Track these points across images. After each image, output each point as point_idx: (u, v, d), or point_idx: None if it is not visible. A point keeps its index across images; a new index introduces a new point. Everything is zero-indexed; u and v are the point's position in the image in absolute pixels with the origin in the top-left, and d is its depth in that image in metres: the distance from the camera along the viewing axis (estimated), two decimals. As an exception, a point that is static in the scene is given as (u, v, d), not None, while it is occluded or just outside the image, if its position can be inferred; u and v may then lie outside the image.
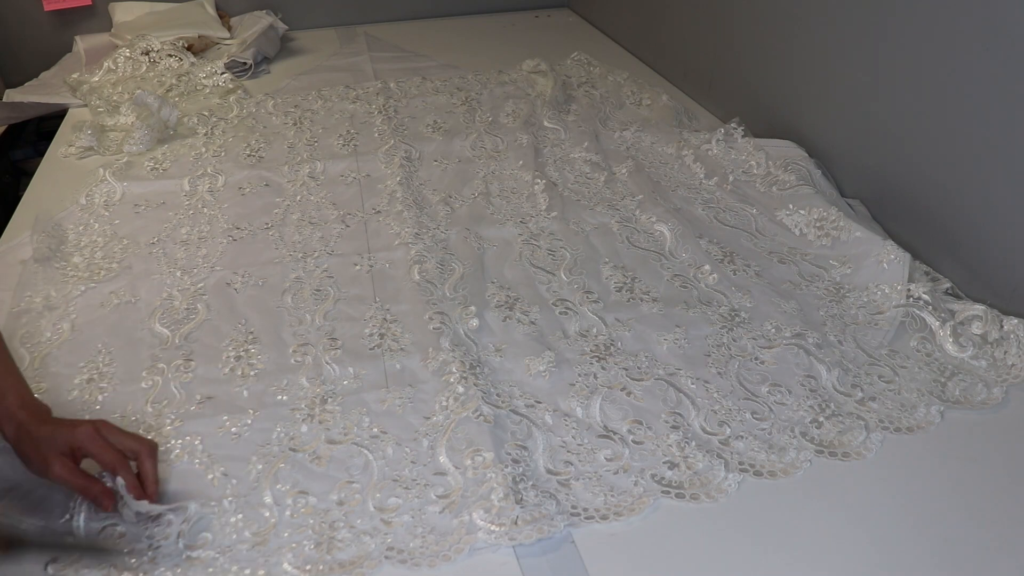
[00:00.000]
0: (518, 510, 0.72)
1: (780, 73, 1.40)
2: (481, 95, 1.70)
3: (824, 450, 0.82)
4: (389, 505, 0.75)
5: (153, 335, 0.98)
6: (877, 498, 0.77)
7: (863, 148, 1.22)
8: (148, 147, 1.45)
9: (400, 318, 1.01)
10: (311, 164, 1.40)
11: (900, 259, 1.04)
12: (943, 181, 1.07)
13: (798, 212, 1.19)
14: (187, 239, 1.18)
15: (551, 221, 1.22)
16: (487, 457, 0.78)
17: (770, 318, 1.00)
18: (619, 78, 1.76)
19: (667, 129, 1.50)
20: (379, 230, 1.21)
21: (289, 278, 1.09)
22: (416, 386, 0.90)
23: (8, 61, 2.00)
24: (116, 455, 0.71)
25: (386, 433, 0.83)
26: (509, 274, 1.11)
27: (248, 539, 0.72)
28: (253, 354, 0.95)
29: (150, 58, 1.80)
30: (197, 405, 0.87)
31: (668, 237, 1.16)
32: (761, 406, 0.87)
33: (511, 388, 0.90)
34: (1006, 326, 0.94)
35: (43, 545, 0.70)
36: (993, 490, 0.77)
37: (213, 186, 1.33)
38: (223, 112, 1.61)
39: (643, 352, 0.95)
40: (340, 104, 1.66)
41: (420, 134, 1.52)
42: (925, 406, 0.86)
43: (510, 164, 1.41)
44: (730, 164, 1.36)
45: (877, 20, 1.15)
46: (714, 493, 0.76)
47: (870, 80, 1.18)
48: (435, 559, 0.70)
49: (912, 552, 0.71)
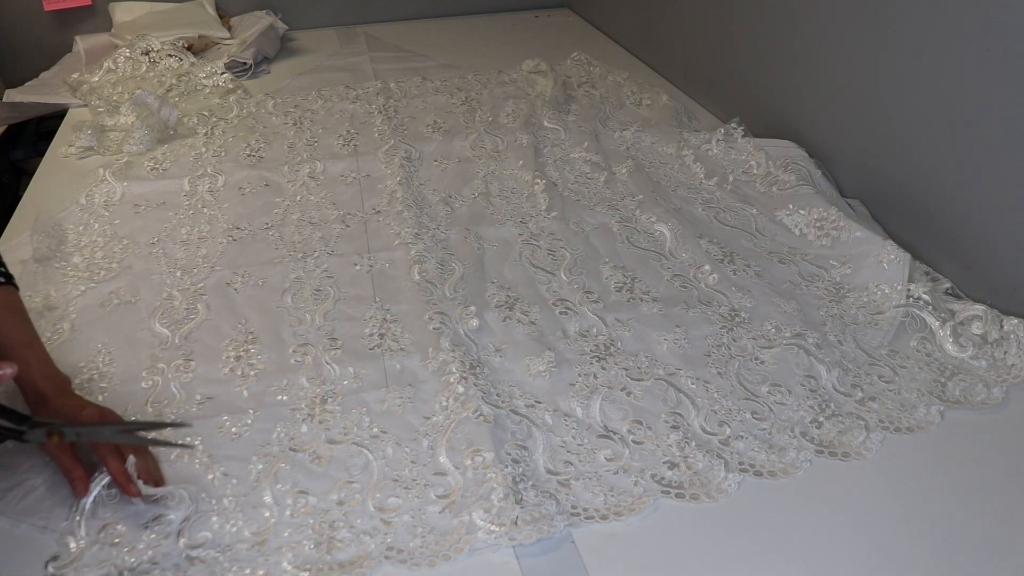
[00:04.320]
0: (518, 510, 0.72)
1: (780, 73, 1.40)
2: (481, 95, 1.70)
3: (824, 450, 0.82)
4: (389, 505, 0.75)
5: (153, 335, 0.98)
6: (877, 498, 0.77)
7: (863, 148, 1.22)
8: (148, 147, 1.45)
9: (400, 318, 1.01)
10: (311, 164, 1.40)
11: (900, 259, 1.04)
12: (943, 181, 1.07)
13: (798, 212, 1.19)
14: (187, 239, 1.18)
15: (551, 221, 1.22)
16: (487, 457, 0.78)
17: (770, 318, 1.00)
18: (619, 78, 1.76)
19: (667, 129, 1.50)
20: (379, 230, 1.21)
21: (289, 278, 1.09)
22: (416, 386, 0.90)
23: (8, 61, 2.00)
24: (109, 443, 0.74)
25: (386, 433, 0.83)
26: (509, 274, 1.11)
27: (248, 539, 0.72)
28: (253, 354, 0.95)
29: (150, 58, 1.79)
30: (197, 405, 0.87)
31: (668, 237, 1.16)
32: (761, 406, 0.87)
33: (511, 388, 0.90)
34: (1006, 326, 0.94)
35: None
36: (993, 490, 0.77)
37: (213, 186, 1.33)
38: (223, 112, 1.61)
39: (643, 352, 0.95)
40: (340, 104, 1.66)
41: (420, 134, 1.52)
42: (925, 406, 0.86)
43: (510, 164, 1.41)
44: (730, 164, 1.36)
45: (877, 20, 1.15)
46: (714, 493, 0.76)
47: (870, 80, 1.18)
48: (435, 559, 0.70)
49: (912, 552, 0.71)
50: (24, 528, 0.72)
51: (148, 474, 0.74)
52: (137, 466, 0.73)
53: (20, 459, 0.79)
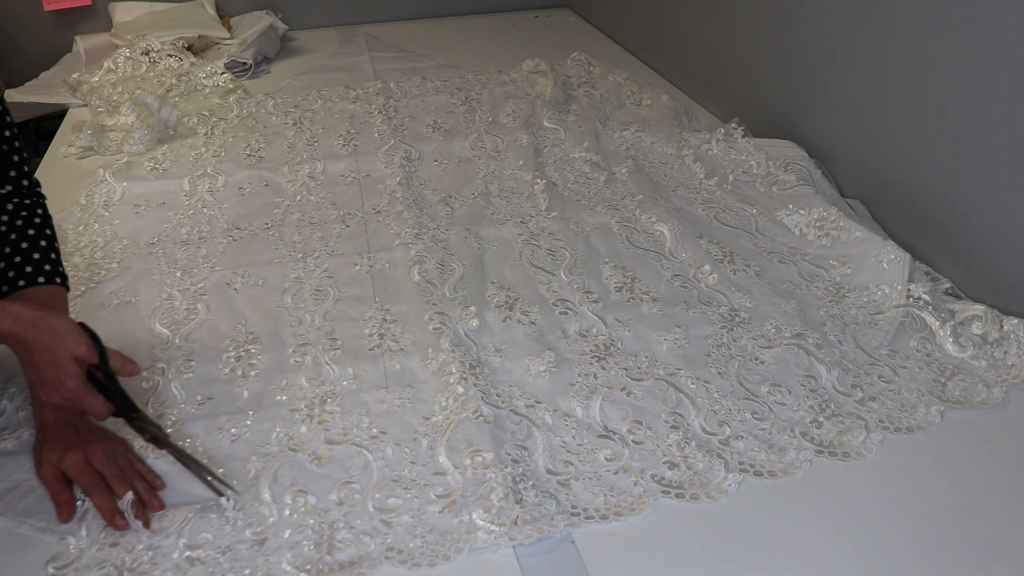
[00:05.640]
0: (518, 510, 0.72)
1: (780, 73, 1.40)
2: (481, 95, 1.70)
3: (824, 450, 0.81)
4: (389, 505, 0.75)
5: (153, 335, 0.98)
6: (877, 498, 0.77)
7: (863, 148, 1.22)
8: (148, 147, 1.45)
9: (400, 318, 1.01)
10: (311, 164, 1.40)
11: (900, 259, 1.04)
12: (943, 181, 1.07)
13: (798, 212, 1.19)
14: (187, 239, 1.18)
15: (551, 221, 1.22)
16: (487, 457, 0.78)
17: (770, 318, 1.00)
18: (619, 78, 1.76)
19: (667, 129, 1.50)
20: (379, 230, 1.21)
21: (289, 278, 1.09)
22: (416, 386, 0.90)
23: (8, 61, 2.00)
24: (91, 479, 0.73)
25: (386, 433, 0.83)
26: (509, 274, 1.11)
27: (248, 539, 0.71)
28: (253, 354, 0.95)
29: (150, 58, 1.79)
30: (197, 405, 0.87)
31: (668, 237, 1.16)
32: (761, 406, 0.87)
33: (511, 388, 0.90)
34: (1006, 326, 0.94)
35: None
36: (993, 490, 0.77)
37: (213, 186, 1.33)
38: (223, 112, 1.61)
39: (643, 352, 0.95)
40: (340, 104, 1.66)
41: (420, 134, 1.52)
42: (925, 406, 0.86)
43: (510, 164, 1.41)
44: (730, 164, 1.36)
45: (877, 20, 1.15)
46: (714, 493, 0.76)
47: (870, 80, 1.18)
48: (435, 559, 0.70)
49: (912, 552, 0.71)
50: (24, 528, 0.72)
51: (143, 514, 0.73)
52: (134, 504, 0.72)
53: (20, 460, 0.79)
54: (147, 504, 0.73)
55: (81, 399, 0.72)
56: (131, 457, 0.77)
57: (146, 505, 0.73)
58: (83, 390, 0.72)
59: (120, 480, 0.73)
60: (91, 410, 0.73)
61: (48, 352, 0.71)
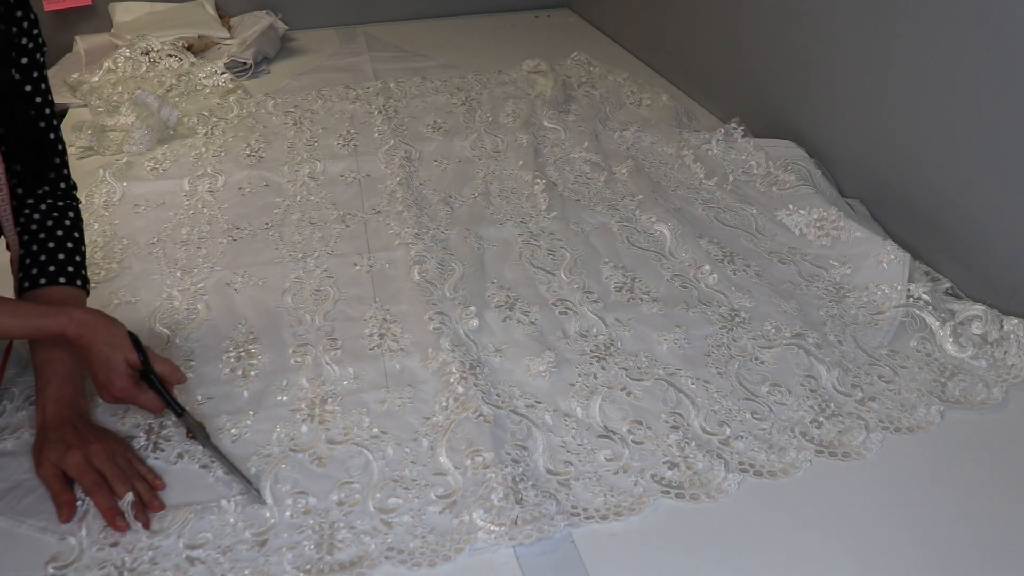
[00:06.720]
0: (518, 510, 0.72)
1: (780, 73, 1.40)
2: (481, 95, 1.70)
3: (824, 450, 0.81)
4: (389, 505, 0.75)
5: (153, 335, 0.98)
6: (877, 498, 0.77)
7: (863, 148, 1.22)
8: (148, 147, 1.45)
9: (400, 318, 1.01)
10: (311, 164, 1.40)
11: (900, 259, 1.04)
12: (943, 181, 1.07)
13: (798, 212, 1.19)
14: (187, 239, 1.18)
15: (551, 221, 1.22)
16: (487, 457, 0.78)
17: (770, 318, 1.00)
18: (619, 78, 1.76)
19: (667, 129, 1.50)
20: (379, 230, 1.21)
21: (289, 278, 1.09)
22: (416, 386, 0.90)
23: (8, 61, 2.00)
24: (92, 479, 0.74)
25: (386, 433, 0.83)
26: (509, 274, 1.11)
27: (248, 539, 0.71)
28: (253, 354, 0.95)
29: (150, 58, 1.79)
30: (197, 405, 0.87)
31: (668, 237, 1.16)
32: (761, 406, 0.87)
33: (511, 388, 0.90)
34: (1006, 326, 0.94)
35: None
36: (993, 490, 0.77)
37: (213, 186, 1.33)
38: (223, 112, 1.61)
39: (643, 352, 0.95)
40: (340, 104, 1.66)
41: (420, 134, 1.52)
42: (925, 406, 0.86)
43: (510, 164, 1.41)
44: (730, 164, 1.36)
45: (878, 20, 1.15)
46: (714, 493, 0.76)
47: (870, 80, 1.18)
48: (435, 559, 0.70)
49: (912, 552, 0.71)
50: (24, 528, 0.72)
51: (143, 515, 0.73)
52: (134, 504, 0.72)
53: (20, 460, 0.79)
54: (147, 504, 0.73)
55: (132, 396, 0.80)
56: (131, 457, 0.77)
57: (146, 505, 0.73)
58: (133, 388, 0.80)
59: (121, 480, 0.74)
60: (143, 404, 0.81)
61: (103, 355, 0.78)
